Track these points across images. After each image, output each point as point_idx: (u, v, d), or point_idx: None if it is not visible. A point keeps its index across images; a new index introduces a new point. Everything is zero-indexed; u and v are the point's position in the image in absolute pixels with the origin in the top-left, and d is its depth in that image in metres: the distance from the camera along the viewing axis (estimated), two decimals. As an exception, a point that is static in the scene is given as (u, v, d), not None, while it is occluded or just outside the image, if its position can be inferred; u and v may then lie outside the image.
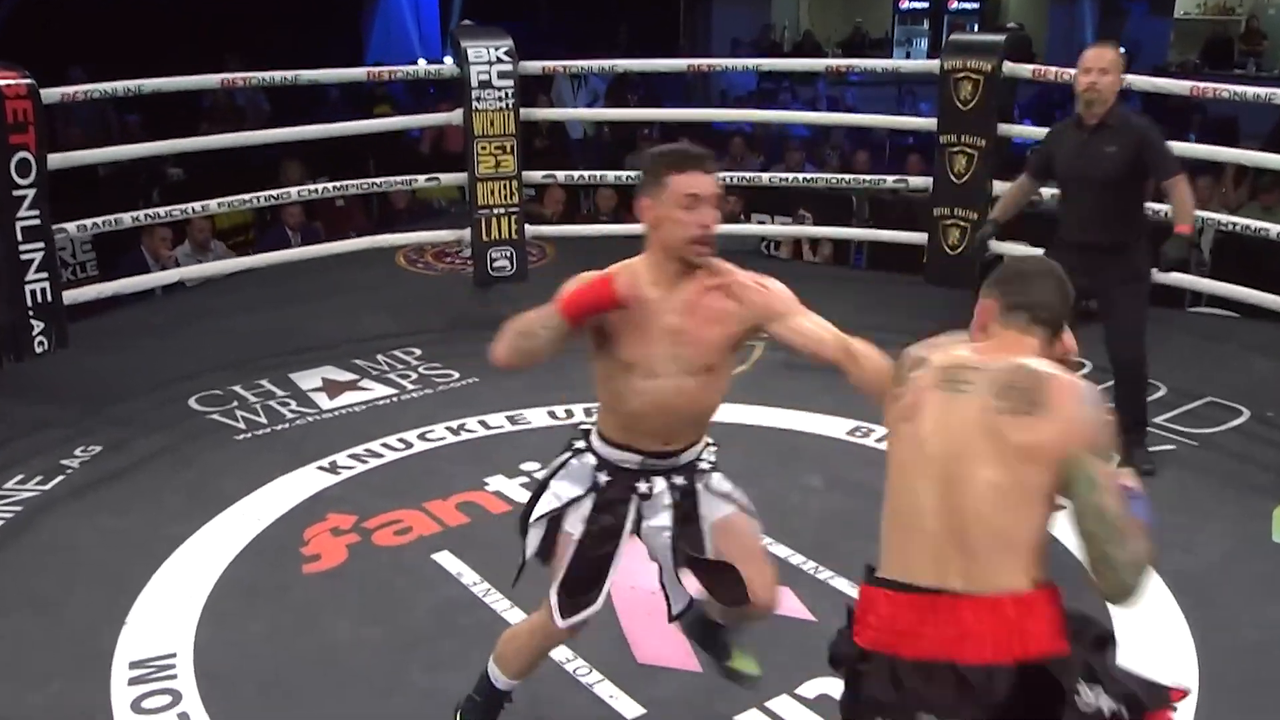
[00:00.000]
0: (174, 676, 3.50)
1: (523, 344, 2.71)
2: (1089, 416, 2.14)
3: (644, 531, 2.89)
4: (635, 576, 3.98)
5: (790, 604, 3.81)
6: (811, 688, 3.40)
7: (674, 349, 2.72)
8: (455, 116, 6.45)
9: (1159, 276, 4.73)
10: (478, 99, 6.32)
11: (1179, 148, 6.90)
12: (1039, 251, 6.51)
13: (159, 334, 6.42)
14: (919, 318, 6.42)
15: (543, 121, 9.10)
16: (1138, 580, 2.05)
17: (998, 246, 6.57)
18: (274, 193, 6.47)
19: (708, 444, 2.99)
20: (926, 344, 2.38)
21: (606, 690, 3.42)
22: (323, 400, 5.55)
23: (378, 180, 6.70)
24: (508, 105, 6.35)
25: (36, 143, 5.17)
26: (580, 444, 2.92)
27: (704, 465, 2.94)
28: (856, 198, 8.29)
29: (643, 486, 2.85)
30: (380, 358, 6.04)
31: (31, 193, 5.16)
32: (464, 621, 3.79)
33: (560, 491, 2.87)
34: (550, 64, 6.76)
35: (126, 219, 5.88)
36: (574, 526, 2.84)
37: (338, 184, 6.60)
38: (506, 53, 6.35)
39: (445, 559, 4.14)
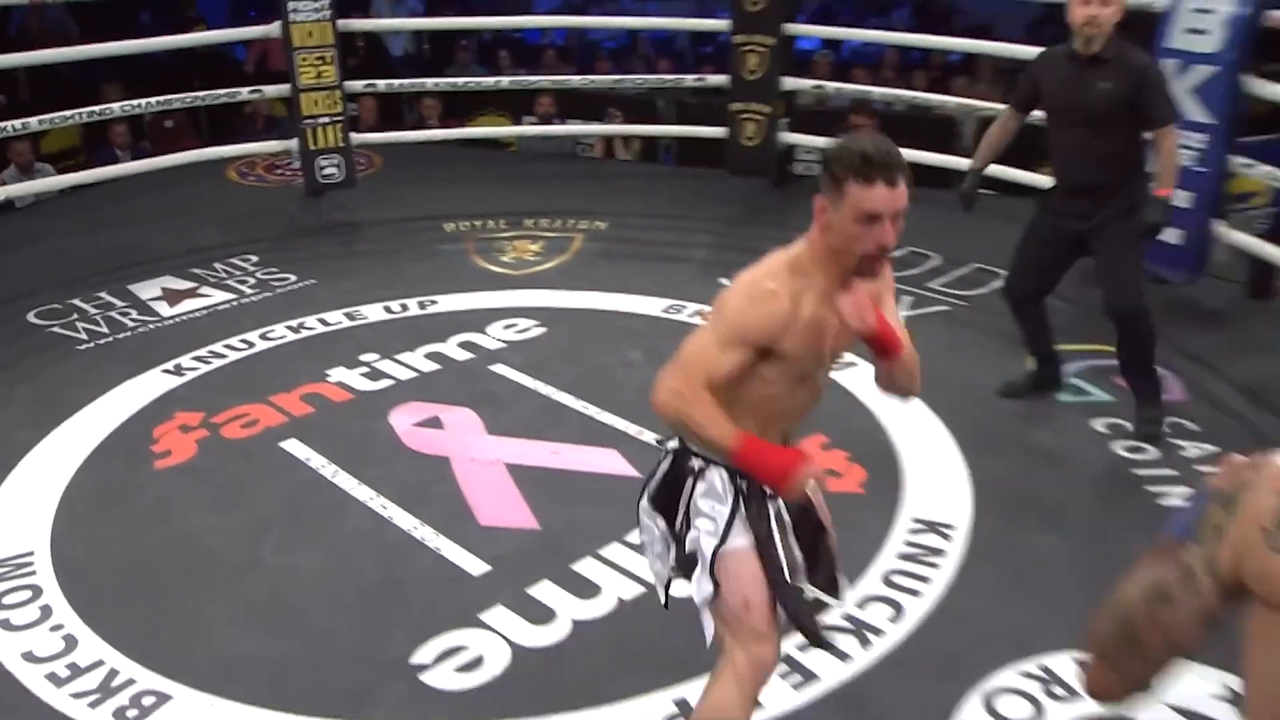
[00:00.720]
0: (33, 573, 3.35)
1: (691, 427, 2.20)
2: None
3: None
4: (473, 450, 4.00)
5: (617, 463, 3.86)
6: (639, 535, 3.44)
7: (831, 348, 2.25)
8: (273, 29, 6.14)
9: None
10: (294, 11, 6.03)
11: (939, 42, 7.11)
12: (826, 141, 6.64)
13: (-9, 254, 6.02)
14: (725, 205, 6.53)
15: (359, 39, 8.75)
16: None
17: (786, 137, 6.68)
18: (96, 109, 6.08)
19: None
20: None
21: (454, 552, 3.40)
22: (163, 308, 5.29)
23: (201, 94, 6.33)
24: (325, 16, 6.08)
25: None
26: (697, 463, 2.35)
27: None
28: (663, 101, 8.27)
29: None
30: (218, 266, 5.78)
31: None
32: (314, 502, 3.72)
33: (712, 514, 2.33)
34: (364, -23, 6.50)
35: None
36: (743, 538, 2.32)
37: (161, 98, 6.23)
38: (320, -35, 6.08)
39: (293, 446, 4.03)
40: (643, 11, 13.93)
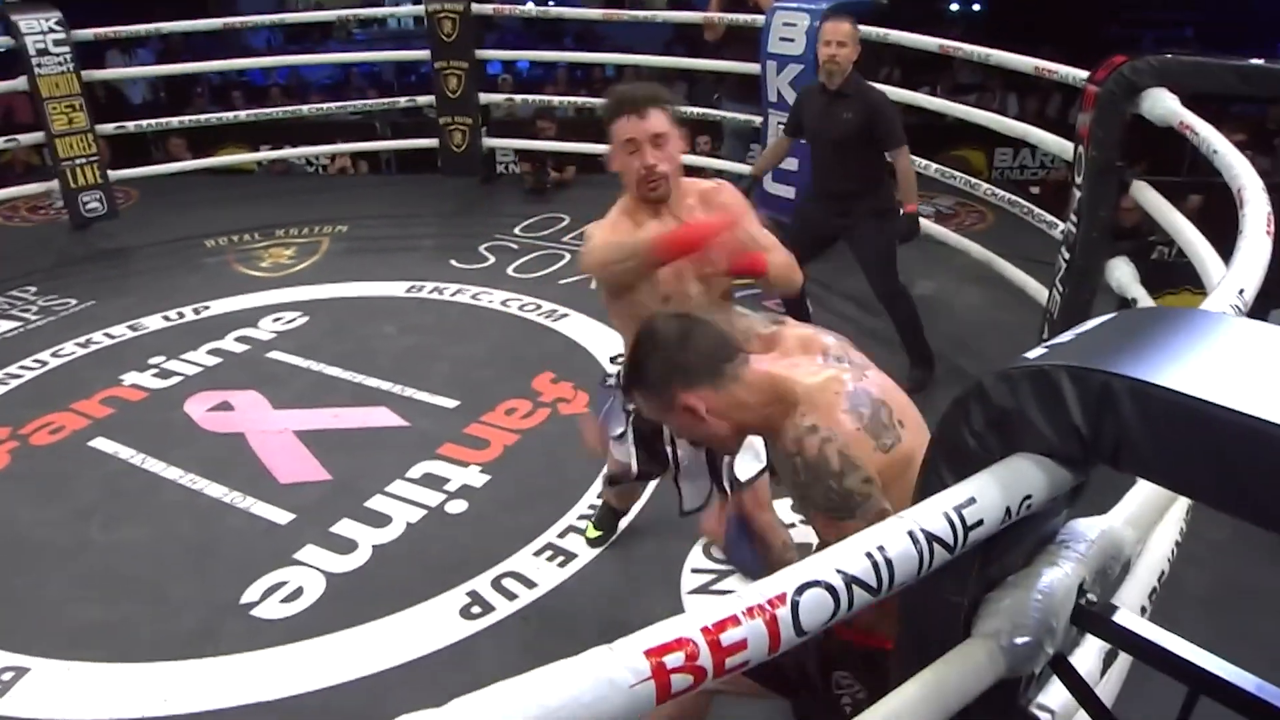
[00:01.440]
0: None
1: (616, 265, 2.09)
2: None
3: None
4: (263, 423, 3.87)
5: (388, 417, 3.84)
6: (415, 470, 3.47)
7: (678, 274, 2.13)
8: (20, 83, 5.54)
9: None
10: (39, 65, 5.46)
11: (597, 58, 7.29)
12: (527, 144, 6.70)
13: None
14: (443, 201, 6.48)
15: (99, 89, 7.98)
16: None
17: (488, 142, 6.67)
18: None
19: None
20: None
21: (262, 509, 3.30)
22: (-48, 342, 4.76)
23: (-43, 148, 5.67)
24: (69, 69, 5.55)
25: None
26: (611, 381, 2.36)
27: None
28: (379, 122, 8.06)
29: None
30: (-2, 299, 5.24)
31: None
32: (129, 486, 3.49)
33: (611, 428, 2.40)
34: (100, 30, 5.90)
35: None
36: (625, 456, 2.37)
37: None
38: (58, 23, 5.50)
39: (101, 443, 3.76)
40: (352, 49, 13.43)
